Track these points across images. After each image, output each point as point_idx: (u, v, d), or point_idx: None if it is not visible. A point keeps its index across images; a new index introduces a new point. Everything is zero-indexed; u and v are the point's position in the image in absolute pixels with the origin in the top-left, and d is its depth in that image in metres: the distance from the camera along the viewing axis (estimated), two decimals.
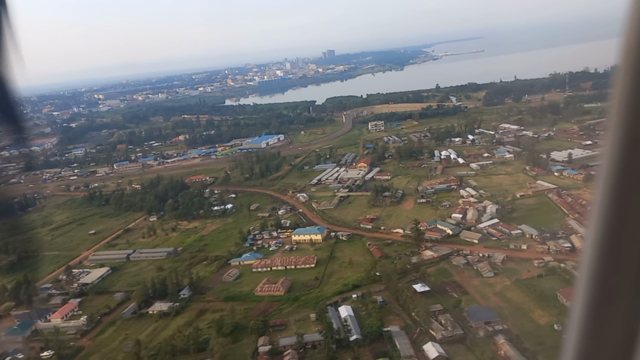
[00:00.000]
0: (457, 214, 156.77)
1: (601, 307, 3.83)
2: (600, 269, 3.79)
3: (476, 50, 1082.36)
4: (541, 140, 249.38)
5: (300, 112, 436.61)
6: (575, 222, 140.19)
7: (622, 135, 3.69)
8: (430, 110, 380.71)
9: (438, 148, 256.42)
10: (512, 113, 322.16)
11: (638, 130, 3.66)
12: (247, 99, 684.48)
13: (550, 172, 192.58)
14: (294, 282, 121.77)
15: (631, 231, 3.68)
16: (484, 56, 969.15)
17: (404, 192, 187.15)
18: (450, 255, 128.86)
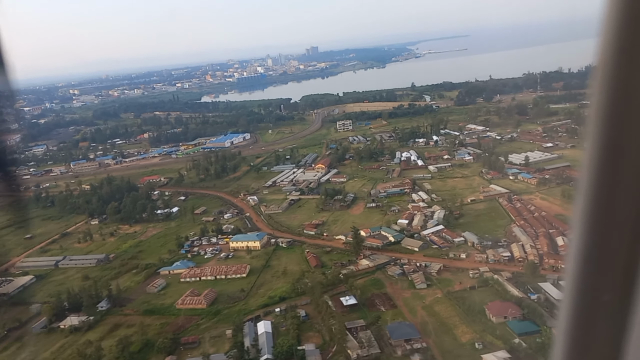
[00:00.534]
0: (404, 220, 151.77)
1: (587, 311, 3.84)
2: (584, 272, 3.78)
3: (459, 49, 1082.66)
4: (504, 141, 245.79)
5: (272, 111, 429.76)
6: (519, 230, 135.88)
7: (602, 137, 3.67)
8: (401, 109, 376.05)
9: (401, 149, 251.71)
10: (480, 113, 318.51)
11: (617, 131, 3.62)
12: (226, 96, 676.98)
13: (506, 175, 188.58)
14: (220, 294, 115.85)
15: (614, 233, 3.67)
16: (466, 54, 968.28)
17: (355, 196, 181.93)
18: (387, 265, 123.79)
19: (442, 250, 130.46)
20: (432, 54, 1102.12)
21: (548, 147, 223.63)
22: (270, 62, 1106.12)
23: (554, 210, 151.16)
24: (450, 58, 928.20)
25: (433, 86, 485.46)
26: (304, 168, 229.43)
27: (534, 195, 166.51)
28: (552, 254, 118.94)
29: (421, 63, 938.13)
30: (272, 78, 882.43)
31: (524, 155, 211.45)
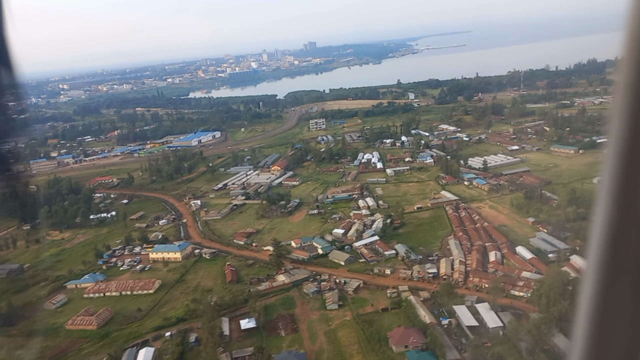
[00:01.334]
0: (340, 230, 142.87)
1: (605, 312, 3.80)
2: (603, 274, 3.75)
3: (457, 45, 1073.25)
4: (471, 143, 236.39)
5: (251, 108, 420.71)
6: (455, 243, 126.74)
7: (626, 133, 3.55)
8: (380, 107, 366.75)
9: (366, 150, 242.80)
10: (457, 112, 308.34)
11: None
12: (218, 91, 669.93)
13: (461, 180, 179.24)
14: (117, 313, 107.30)
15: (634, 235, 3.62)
16: (463, 50, 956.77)
17: (301, 201, 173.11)
18: (305, 281, 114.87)
19: (369, 264, 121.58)
20: (430, 49, 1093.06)
21: (513, 150, 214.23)
22: (265, 57, 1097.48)
23: (499, 221, 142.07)
24: (447, 54, 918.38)
25: (419, 83, 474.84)
26: (259, 170, 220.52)
27: (483, 203, 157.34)
28: (480, 272, 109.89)
29: (416, 59, 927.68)
30: (265, 74, 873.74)
31: (487, 158, 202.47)
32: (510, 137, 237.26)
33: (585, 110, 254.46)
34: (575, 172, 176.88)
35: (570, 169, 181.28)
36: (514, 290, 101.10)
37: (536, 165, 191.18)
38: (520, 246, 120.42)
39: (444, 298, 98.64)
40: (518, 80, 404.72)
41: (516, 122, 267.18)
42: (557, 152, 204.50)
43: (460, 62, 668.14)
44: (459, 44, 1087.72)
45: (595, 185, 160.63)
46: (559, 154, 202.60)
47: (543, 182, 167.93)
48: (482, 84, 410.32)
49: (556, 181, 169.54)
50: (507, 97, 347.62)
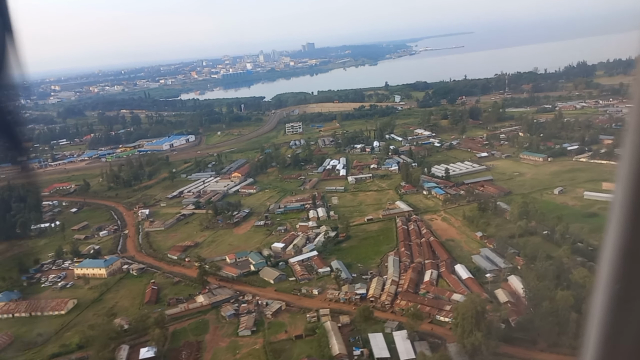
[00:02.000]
0: (280, 243, 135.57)
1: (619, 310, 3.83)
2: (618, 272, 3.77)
3: (456, 46, 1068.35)
4: (442, 149, 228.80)
5: (233, 110, 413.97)
6: (394, 259, 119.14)
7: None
8: (362, 110, 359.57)
9: (335, 156, 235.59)
10: (436, 117, 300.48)
11: None
12: (212, 93, 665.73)
13: (420, 190, 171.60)
14: (19, 338, 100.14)
15: None
16: (462, 52, 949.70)
17: (251, 211, 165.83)
18: (226, 302, 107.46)
19: (299, 283, 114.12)
20: (429, 51, 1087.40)
21: (482, 157, 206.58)
22: (262, 58, 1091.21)
23: (448, 234, 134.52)
24: (444, 56, 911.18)
25: (407, 86, 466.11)
26: (219, 176, 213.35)
27: (437, 215, 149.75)
28: (409, 293, 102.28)
29: (412, 61, 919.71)
30: (259, 75, 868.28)
31: (447, 167, 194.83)
32: (483, 143, 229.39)
33: (562, 116, 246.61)
34: (539, 181, 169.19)
35: (534, 178, 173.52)
36: (439, 315, 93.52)
37: (501, 173, 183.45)
38: (459, 264, 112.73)
39: (363, 324, 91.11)
40: (504, 83, 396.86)
41: (493, 127, 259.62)
42: (526, 159, 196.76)
43: (454, 63, 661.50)
44: (458, 45, 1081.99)
45: (553, 196, 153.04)
46: (528, 161, 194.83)
47: (502, 192, 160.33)
48: (468, 87, 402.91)
49: (517, 191, 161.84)
50: (490, 100, 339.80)
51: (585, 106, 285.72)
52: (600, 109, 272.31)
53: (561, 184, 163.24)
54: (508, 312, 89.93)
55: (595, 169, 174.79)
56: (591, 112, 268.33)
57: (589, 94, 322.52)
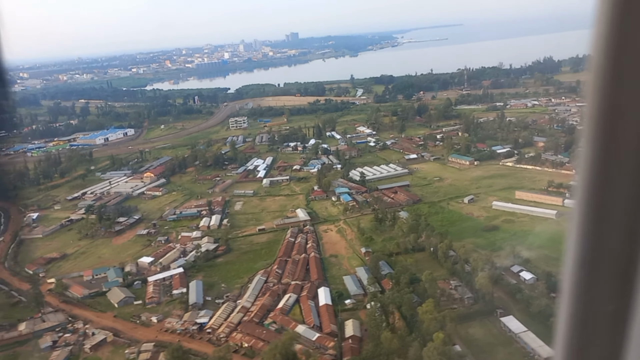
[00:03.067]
0: (149, 258, 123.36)
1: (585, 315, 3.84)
2: (582, 276, 3.77)
3: (439, 38, 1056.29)
4: (375, 149, 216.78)
5: (187, 102, 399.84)
6: (260, 280, 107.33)
7: (597, 135, 3.51)
8: (316, 105, 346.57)
9: (266, 154, 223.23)
10: (386, 112, 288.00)
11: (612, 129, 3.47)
12: (186, 83, 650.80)
13: (331, 195, 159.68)
14: None
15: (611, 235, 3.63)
16: (445, 44, 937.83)
17: (142, 218, 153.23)
18: (51, 330, 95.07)
19: (146, 307, 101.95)
20: (412, 43, 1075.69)
21: (410, 159, 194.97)
22: (241, 48, 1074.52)
23: (335, 249, 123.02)
24: (426, 48, 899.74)
25: (372, 79, 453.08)
26: (133, 176, 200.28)
27: (334, 225, 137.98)
28: (252, 324, 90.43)
29: (392, 53, 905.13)
30: (235, 65, 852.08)
31: (376, 168, 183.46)
32: (418, 143, 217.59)
33: (503, 115, 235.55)
34: (455, 188, 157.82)
35: (452, 185, 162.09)
36: None
37: (422, 178, 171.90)
38: (323, 288, 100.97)
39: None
40: (469, 77, 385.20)
41: (436, 125, 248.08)
42: (454, 163, 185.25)
43: (431, 56, 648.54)
44: (441, 37, 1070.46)
45: (462, 205, 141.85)
46: (455, 165, 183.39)
47: (412, 200, 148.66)
48: (429, 82, 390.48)
49: (429, 199, 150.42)
50: (446, 96, 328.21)
51: (536, 104, 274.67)
52: (550, 108, 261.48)
53: (477, 191, 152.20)
54: (345, 349, 78.40)
55: (517, 175, 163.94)
56: (540, 111, 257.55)
57: (546, 91, 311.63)
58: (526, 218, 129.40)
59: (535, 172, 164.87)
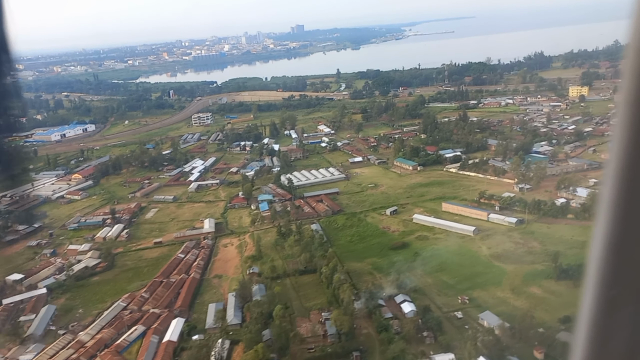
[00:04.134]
0: (19, 275, 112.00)
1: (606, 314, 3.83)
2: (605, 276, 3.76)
3: (446, 31, 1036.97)
4: (325, 151, 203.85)
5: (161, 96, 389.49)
6: (119, 306, 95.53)
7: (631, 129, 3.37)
8: (292, 100, 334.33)
9: (212, 154, 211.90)
10: (355, 110, 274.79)
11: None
12: (185, 75, 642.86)
13: (253, 203, 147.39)
14: None
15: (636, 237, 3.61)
16: (450, 37, 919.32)
17: (43, 225, 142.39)
18: None
19: None
20: (418, 35, 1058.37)
21: (354, 162, 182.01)
22: (244, 40, 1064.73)
23: (224, 268, 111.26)
24: (429, 41, 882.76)
25: (358, 73, 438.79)
26: (61, 177, 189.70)
27: (238, 238, 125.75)
28: None
29: (394, 46, 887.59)
30: (233, 57, 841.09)
31: (309, 173, 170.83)
32: (369, 145, 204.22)
33: (466, 116, 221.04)
34: (387, 197, 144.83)
35: (385, 192, 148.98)
36: None
37: (357, 184, 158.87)
38: (177, 319, 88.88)
39: None
40: (450, 74, 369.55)
41: (399, 125, 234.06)
42: (398, 167, 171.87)
43: (431, 50, 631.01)
44: (448, 30, 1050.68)
45: (383, 218, 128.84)
46: (398, 169, 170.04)
47: (332, 210, 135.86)
48: (412, 77, 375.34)
49: (353, 209, 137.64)
50: (426, 92, 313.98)
51: (510, 103, 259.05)
52: (522, 107, 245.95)
53: (407, 201, 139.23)
54: None
55: (456, 183, 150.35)
56: (511, 111, 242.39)
57: (526, 88, 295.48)
58: (442, 234, 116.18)
59: (475, 180, 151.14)
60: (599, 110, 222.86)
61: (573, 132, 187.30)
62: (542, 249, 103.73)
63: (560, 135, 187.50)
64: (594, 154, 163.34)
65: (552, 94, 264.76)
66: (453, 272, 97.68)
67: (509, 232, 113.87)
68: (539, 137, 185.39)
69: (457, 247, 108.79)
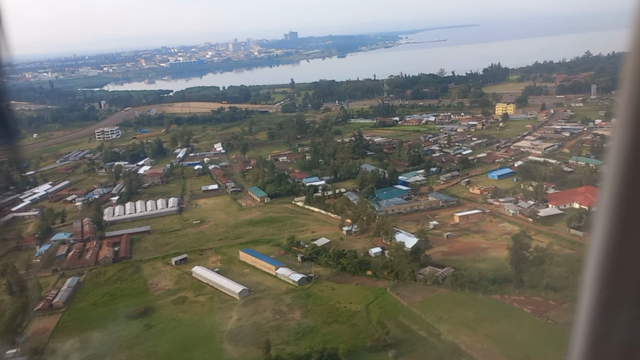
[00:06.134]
0: None
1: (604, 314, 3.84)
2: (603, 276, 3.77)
3: (438, 39, 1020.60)
4: (194, 174, 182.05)
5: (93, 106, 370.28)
6: None
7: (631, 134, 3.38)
8: (221, 113, 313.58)
9: (74, 177, 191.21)
10: (271, 126, 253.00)
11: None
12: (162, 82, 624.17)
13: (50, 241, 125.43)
14: None
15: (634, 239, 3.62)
16: (441, 46, 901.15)
17: None
18: None
19: None
20: (409, 44, 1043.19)
21: (208, 190, 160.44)
22: (231, 47, 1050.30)
23: None
24: (419, 49, 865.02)
25: (313, 84, 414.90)
26: None
27: None
28: None
29: (379, 54, 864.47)
30: (213, 65, 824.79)
31: (144, 204, 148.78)
32: (246, 169, 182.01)
33: (361, 136, 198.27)
34: (199, 238, 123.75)
35: (202, 232, 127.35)
36: None
37: (184, 220, 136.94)
38: None
39: None
40: (394, 85, 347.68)
41: (299, 144, 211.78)
42: (249, 197, 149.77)
43: (411, 59, 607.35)
44: (440, 38, 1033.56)
45: (168, 268, 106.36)
46: (247, 200, 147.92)
47: (117, 256, 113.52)
48: (354, 89, 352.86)
49: (149, 253, 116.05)
50: (359, 106, 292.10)
51: (430, 121, 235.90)
52: (439, 126, 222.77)
53: (222, 243, 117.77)
54: None
55: (290, 221, 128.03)
56: (425, 130, 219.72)
57: (461, 104, 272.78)
58: (208, 296, 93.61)
59: (314, 217, 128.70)
60: (512, 132, 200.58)
61: (463, 157, 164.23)
62: (296, 325, 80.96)
63: (448, 162, 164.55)
64: (463, 187, 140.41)
65: (478, 112, 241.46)
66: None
67: (283, 295, 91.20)
68: (424, 163, 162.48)
69: (205, 316, 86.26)
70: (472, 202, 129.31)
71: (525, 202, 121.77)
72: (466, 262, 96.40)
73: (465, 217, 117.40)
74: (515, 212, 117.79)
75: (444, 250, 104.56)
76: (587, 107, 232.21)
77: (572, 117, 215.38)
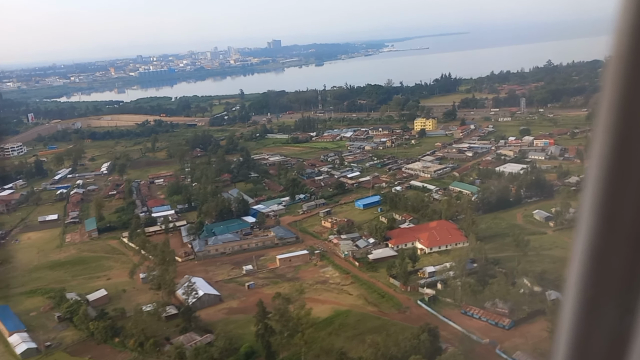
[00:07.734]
0: None
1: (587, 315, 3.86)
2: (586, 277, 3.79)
3: (420, 47, 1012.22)
4: (53, 199, 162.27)
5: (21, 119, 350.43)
6: None
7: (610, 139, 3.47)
8: (146, 126, 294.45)
9: None
10: (182, 142, 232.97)
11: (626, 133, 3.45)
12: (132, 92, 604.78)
13: None
14: None
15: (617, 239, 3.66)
16: (422, 54, 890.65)
17: None
18: None
19: None
20: (391, 52, 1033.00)
21: (45, 221, 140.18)
22: (209, 55, 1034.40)
23: None
24: (398, 57, 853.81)
25: (261, 95, 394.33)
26: None
27: None
28: None
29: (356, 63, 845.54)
30: (184, 74, 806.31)
31: None
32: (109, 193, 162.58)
33: (249, 156, 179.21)
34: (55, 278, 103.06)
35: None
36: None
37: None
38: None
39: None
40: (319, 99, 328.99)
41: (186, 164, 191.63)
42: (81, 230, 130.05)
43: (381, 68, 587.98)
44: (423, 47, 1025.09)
45: None
46: (75, 235, 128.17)
47: None
48: (293, 101, 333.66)
49: None
50: (291, 119, 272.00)
51: (345, 137, 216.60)
52: (348, 143, 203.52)
53: None
54: None
55: (97, 263, 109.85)
56: (335, 147, 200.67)
57: (390, 117, 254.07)
58: None
59: (131, 257, 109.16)
60: (419, 150, 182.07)
61: (339, 183, 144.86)
62: None
63: (325, 187, 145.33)
64: (318, 219, 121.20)
65: (398, 127, 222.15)
66: None
67: None
68: (297, 188, 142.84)
69: None
70: (313, 239, 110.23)
71: (365, 240, 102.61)
72: (242, 324, 77.21)
73: (288, 260, 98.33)
74: (349, 252, 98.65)
75: (232, 306, 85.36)
76: (514, 122, 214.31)
77: (491, 133, 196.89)
